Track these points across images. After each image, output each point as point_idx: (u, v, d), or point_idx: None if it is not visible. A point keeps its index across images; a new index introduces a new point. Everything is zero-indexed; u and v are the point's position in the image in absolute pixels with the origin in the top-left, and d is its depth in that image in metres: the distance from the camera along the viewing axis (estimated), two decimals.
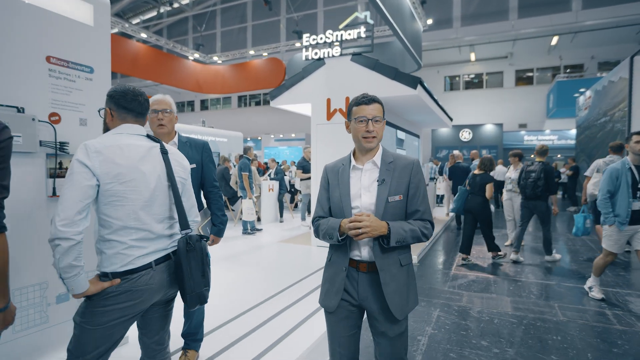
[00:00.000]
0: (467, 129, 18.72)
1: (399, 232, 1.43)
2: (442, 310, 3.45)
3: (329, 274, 1.60)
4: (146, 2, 20.27)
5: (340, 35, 5.26)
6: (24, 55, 2.09)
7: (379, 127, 1.52)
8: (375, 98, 1.55)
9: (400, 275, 1.51)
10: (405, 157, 1.58)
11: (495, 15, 16.70)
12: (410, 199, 1.52)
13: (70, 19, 2.32)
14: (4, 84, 2.01)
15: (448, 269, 4.82)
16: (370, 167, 1.55)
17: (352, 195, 1.53)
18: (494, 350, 2.70)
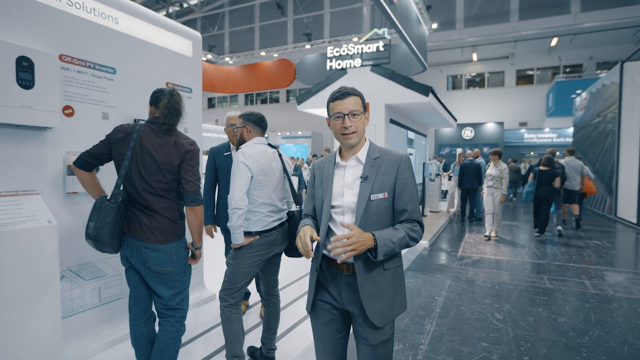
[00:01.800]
0: (469, 127, 19.56)
1: (387, 244, 1.32)
2: (453, 280, 4.30)
3: (311, 275, 1.55)
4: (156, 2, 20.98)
5: (361, 48, 6.07)
6: (153, 82, 2.91)
7: (358, 122, 1.42)
8: (351, 91, 1.44)
9: (382, 279, 1.42)
10: (393, 152, 1.48)
11: (496, 17, 17.46)
12: (396, 197, 1.42)
13: (179, 54, 3.14)
14: (144, 104, 2.83)
15: (455, 252, 5.67)
16: (354, 163, 1.47)
17: (334, 194, 1.46)
18: (494, 305, 3.55)
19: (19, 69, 1.99)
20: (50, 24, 2.25)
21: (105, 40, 2.56)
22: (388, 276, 1.44)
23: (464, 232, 7.30)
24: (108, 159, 1.98)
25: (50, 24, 2.25)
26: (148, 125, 1.99)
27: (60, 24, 2.30)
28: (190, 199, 1.97)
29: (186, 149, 1.98)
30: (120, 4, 2.66)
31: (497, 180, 6.33)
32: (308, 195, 1.64)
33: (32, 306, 1.92)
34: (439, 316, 3.30)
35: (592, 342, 2.85)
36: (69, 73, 2.34)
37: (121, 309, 2.71)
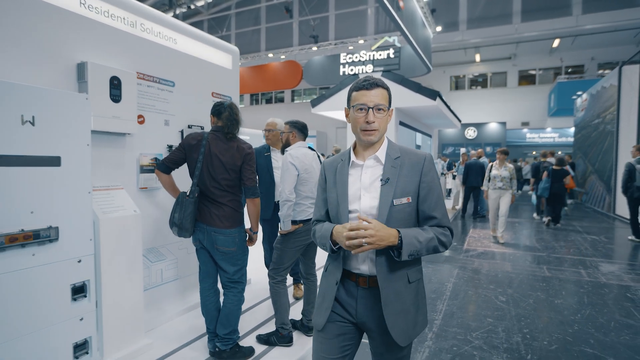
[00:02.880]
0: (472, 127, 20.01)
1: (413, 243, 1.21)
2: (460, 269, 4.76)
3: (323, 287, 1.41)
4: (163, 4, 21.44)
5: (373, 55, 6.53)
6: (202, 94, 3.38)
7: (381, 118, 1.30)
8: (379, 82, 1.31)
9: (408, 294, 1.29)
10: (415, 152, 1.36)
11: (499, 18, 17.87)
12: (421, 202, 1.30)
13: (221, 67, 3.61)
14: (195, 113, 3.30)
15: (461, 245, 6.14)
16: (373, 163, 1.34)
17: (350, 197, 1.32)
18: (498, 290, 4.01)
19: (111, 86, 2.46)
20: (130, 47, 2.72)
21: (167, 58, 3.03)
22: (412, 290, 1.31)
23: (468, 227, 7.76)
24: (183, 163, 2.45)
25: (129, 46, 2.72)
26: (214, 133, 2.45)
27: (136, 46, 2.77)
28: (250, 192, 2.44)
29: (246, 152, 2.45)
30: (178, 27, 3.13)
31: (507, 181, 6.14)
32: (318, 199, 1.46)
33: (126, 279, 2.40)
34: (449, 298, 3.76)
35: (583, 319, 3.30)
36: (141, 87, 2.80)
37: (178, 289, 3.18)
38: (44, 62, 2.22)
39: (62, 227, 1.98)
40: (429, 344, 2.81)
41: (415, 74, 13.73)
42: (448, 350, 2.72)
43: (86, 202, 2.10)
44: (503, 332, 3.02)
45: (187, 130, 3.18)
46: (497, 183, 6.20)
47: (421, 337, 2.91)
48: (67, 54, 2.34)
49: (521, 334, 2.99)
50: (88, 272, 2.12)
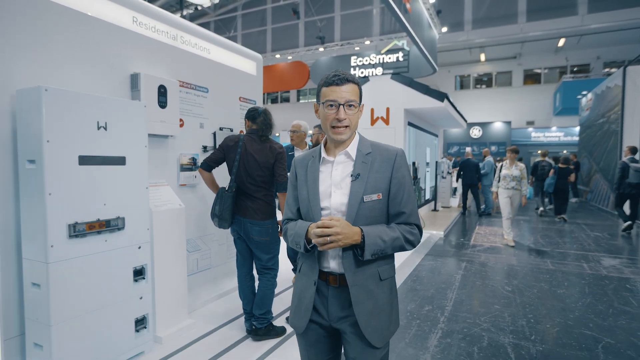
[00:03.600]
0: (477, 126, 20.25)
1: (376, 243, 1.20)
2: (468, 263, 5.06)
3: (297, 288, 1.37)
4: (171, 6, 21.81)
5: (382, 58, 6.83)
6: (231, 98, 3.70)
7: (352, 115, 1.27)
8: (350, 77, 1.27)
9: (380, 292, 1.27)
10: (387, 148, 1.34)
11: (504, 18, 18.07)
12: (392, 198, 1.28)
13: (247, 73, 3.93)
14: (225, 116, 3.62)
15: (468, 241, 6.43)
16: (343, 159, 1.31)
17: (321, 194, 1.29)
18: (504, 281, 4.31)
19: (159, 94, 2.78)
20: (172, 58, 3.04)
21: (202, 66, 3.35)
22: (385, 288, 1.29)
23: (474, 224, 8.04)
24: (222, 162, 2.77)
25: (172, 57, 3.04)
26: (249, 135, 2.77)
27: (177, 57, 3.09)
28: (282, 187, 2.75)
29: (278, 151, 2.76)
30: (211, 38, 3.46)
31: (518, 181, 5.96)
32: (289, 196, 1.43)
33: (173, 265, 2.73)
34: (458, 288, 4.07)
35: (584, 306, 3.60)
36: (181, 94, 3.12)
37: (210, 277, 3.51)
38: (105, 74, 2.54)
39: (127, 218, 2.30)
40: (441, 326, 3.12)
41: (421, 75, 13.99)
42: (459, 331, 3.03)
43: (144, 196, 2.43)
44: (509, 317, 3.32)
45: (219, 132, 3.50)
46: (509, 183, 5.98)
47: (434, 321, 3.22)
48: (122, 66, 2.66)
49: (526, 319, 3.29)
50: (146, 257, 2.45)
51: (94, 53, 2.48)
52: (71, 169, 2.02)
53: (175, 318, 2.75)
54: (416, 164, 7.28)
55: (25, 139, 1.99)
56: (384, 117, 6.90)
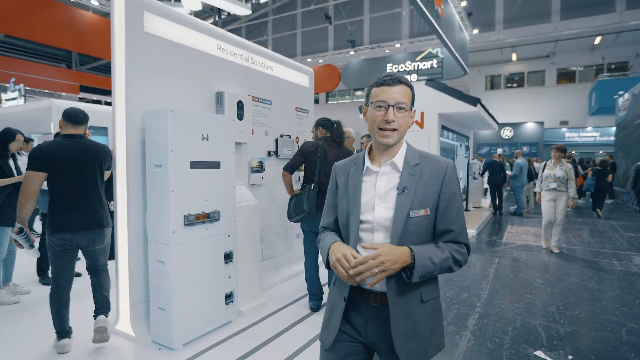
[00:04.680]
0: (508, 127, 20.14)
1: (426, 265, 1.13)
2: (500, 258, 5.42)
3: (330, 302, 1.34)
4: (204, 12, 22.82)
5: (417, 65, 7.24)
6: (289, 109, 4.25)
7: (402, 118, 1.19)
8: (402, 79, 1.21)
9: (420, 314, 1.21)
10: (436, 159, 1.27)
11: (536, 17, 17.89)
12: (440, 214, 1.21)
13: (301, 86, 4.47)
14: (284, 124, 4.17)
15: (500, 239, 6.75)
16: (389, 170, 1.24)
17: (363, 206, 1.22)
18: (535, 274, 4.66)
19: (237, 108, 3.36)
20: (245, 76, 3.62)
21: (267, 82, 3.92)
22: (426, 310, 1.23)
23: (506, 224, 8.30)
24: (302, 165, 3.29)
25: (246, 76, 3.62)
26: (326, 141, 3.28)
27: (249, 75, 3.67)
28: None
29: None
30: (275, 57, 4.03)
31: (563, 182, 5.54)
32: (327, 204, 1.38)
33: (250, 252, 3.29)
34: (492, 280, 4.46)
35: (611, 297, 3.92)
36: (252, 107, 3.69)
37: (272, 265, 4.06)
38: (197, 93, 3.13)
39: (221, 211, 2.88)
40: (478, 309, 3.55)
41: (451, 76, 14.19)
42: (494, 314, 3.45)
43: (232, 194, 3.00)
44: (540, 304, 3.70)
45: (280, 139, 4.06)
46: (550, 184, 5.62)
47: (471, 305, 3.65)
48: (209, 85, 3.25)
49: (555, 306, 3.66)
50: (233, 244, 3.01)
51: (190, 76, 3.07)
52: (185, 172, 2.61)
53: (252, 296, 3.31)
54: None
55: (153, 148, 2.59)
56: (419, 121, 7.30)
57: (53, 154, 2.48)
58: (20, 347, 2.66)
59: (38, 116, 9.11)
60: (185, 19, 3.03)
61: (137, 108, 2.65)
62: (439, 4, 9.88)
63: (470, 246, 1.25)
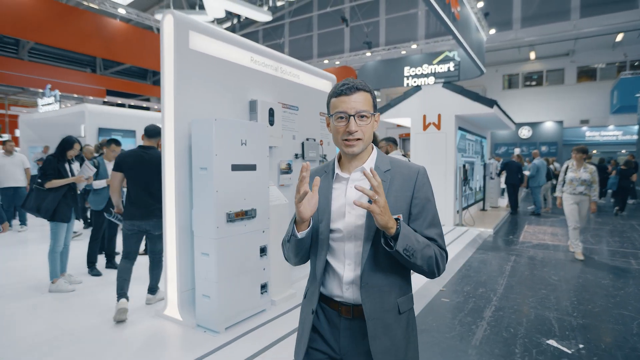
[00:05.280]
0: (526, 126, 20.00)
1: (410, 237, 1.08)
2: (516, 256, 5.59)
3: (301, 316, 1.29)
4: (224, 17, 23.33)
5: (434, 68, 7.44)
6: (314, 113, 4.54)
7: (365, 126, 1.15)
8: (360, 85, 1.15)
9: (397, 327, 1.17)
10: (408, 164, 1.24)
11: (556, 15, 17.73)
12: (413, 220, 1.17)
13: (324, 91, 4.76)
14: (309, 129, 4.46)
15: (517, 238, 6.90)
16: (359, 176, 1.20)
17: (333, 214, 1.19)
18: (551, 272, 4.83)
19: (269, 115, 3.66)
20: (275, 85, 3.93)
21: (294, 89, 4.21)
22: (403, 322, 1.19)
23: (523, 223, 8.41)
24: None
25: (275, 85, 3.93)
26: None
27: (278, 84, 3.98)
28: None
29: None
30: (301, 66, 4.32)
31: (588, 186, 5.32)
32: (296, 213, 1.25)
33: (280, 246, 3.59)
34: (508, 276, 4.65)
35: (625, 294, 4.07)
36: (281, 113, 4.00)
37: None
38: (233, 101, 3.45)
39: (257, 209, 3.18)
40: (494, 303, 3.76)
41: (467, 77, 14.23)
42: (510, 307, 3.66)
43: (266, 193, 3.30)
44: (554, 299, 3.89)
45: (306, 142, 4.35)
46: (577, 187, 5.36)
47: (487, 299, 3.86)
48: (244, 94, 3.57)
49: (569, 301, 3.85)
50: (267, 239, 3.32)
51: (227, 86, 3.39)
52: (227, 173, 2.92)
53: (283, 287, 3.61)
54: (466, 167, 7.80)
55: (199, 153, 2.91)
56: (436, 123, 7.50)
57: (126, 159, 3.30)
58: (79, 324, 3.03)
59: (72, 120, 9.68)
60: (224, 35, 3.35)
61: (183, 117, 2.98)
62: (455, 6, 10.02)
63: (447, 254, 1.20)
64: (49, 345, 2.75)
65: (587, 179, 5.32)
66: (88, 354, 2.64)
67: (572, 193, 5.43)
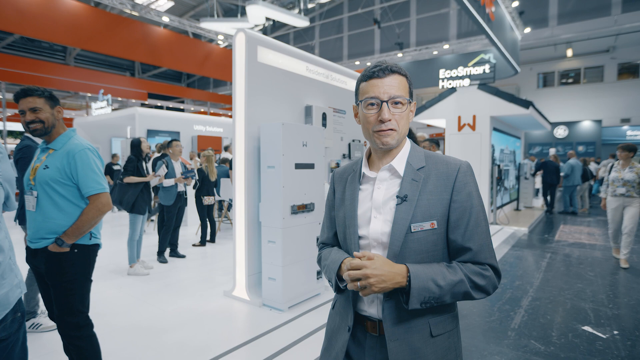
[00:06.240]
0: (562, 125, 19.61)
1: (427, 288, 0.92)
2: (552, 253, 5.78)
3: (330, 328, 1.18)
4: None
5: (469, 70, 7.68)
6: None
7: (400, 114, 1.00)
8: (394, 67, 1.01)
9: (429, 353, 1.00)
10: (446, 160, 1.05)
11: (595, 11, 17.28)
12: (451, 228, 1.00)
13: None
14: (355, 131, 4.86)
15: (552, 237, 7.04)
16: (388, 176, 1.06)
17: (360, 219, 1.05)
18: (587, 268, 5.01)
19: (322, 118, 4.09)
20: (326, 91, 4.36)
21: (342, 95, 4.63)
22: (438, 347, 1.02)
23: (559, 223, 8.48)
24: None
25: (326, 91, 4.35)
26: None
27: (329, 90, 4.40)
28: None
29: None
30: (347, 73, 4.74)
31: (634, 187, 4.96)
32: (326, 217, 1.24)
33: None
34: (544, 271, 4.89)
35: None
36: (332, 117, 4.42)
37: None
38: (291, 107, 3.90)
39: (315, 203, 3.61)
40: (531, 294, 4.04)
41: (502, 77, 14.24)
42: (546, 298, 3.93)
43: (322, 189, 3.73)
44: (590, 292, 4.11)
45: (352, 144, 4.75)
46: (617, 189, 5.06)
47: (524, 290, 4.14)
48: (300, 100, 4.01)
49: (605, 294, 4.06)
50: None
51: (287, 94, 3.84)
52: (291, 171, 3.37)
53: None
54: (501, 166, 7.98)
55: (267, 153, 3.37)
56: (470, 124, 7.73)
57: None
58: (151, 302, 3.56)
59: (123, 122, 10.51)
60: (284, 48, 3.80)
61: (253, 121, 3.45)
62: (489, 7, 10.15)
63: (499, 269, 1.02)
64: (156, 317, 3.29)
65: (631, 180, 4.96)
66: (174, 325, 3.16)
67: (613, 195, 5.14)
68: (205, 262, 5.05)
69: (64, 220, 1.81)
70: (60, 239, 1.79)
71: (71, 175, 1.80)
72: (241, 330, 3.10)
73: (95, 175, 1.85)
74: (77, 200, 1.85)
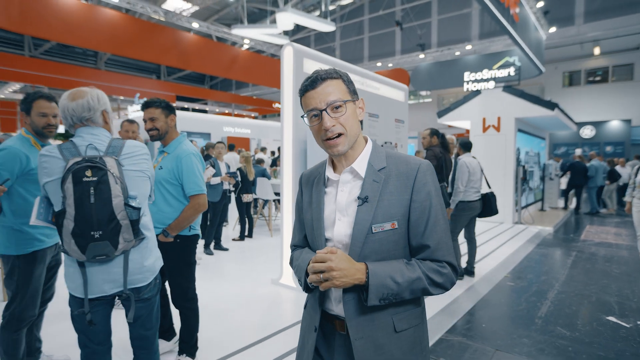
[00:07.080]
0: (589, 125, 19.38)
1: (385, 284, 0.96)
2: (577, 252, 5.98)
3: (302, 328, 1.21)
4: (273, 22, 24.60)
5: (494, 73, 7.91)
6: (390, 120, 5.29)
7: (342, 116, 1.02)
8: (324, 74, 1.03)
9: (394, 348, 1.03)
10: (407, 160, 1.07)
11: (623, 8, 17.04)
12: (412, 227, 1.03)
13: (398, 101, 5.48)
14: (386, 133, 5.21)
15: (578, 237, 7.21)
16: (350, 178, 1.08)
17: (325, 221, 1.09)
18: (613, 266, 5.21)
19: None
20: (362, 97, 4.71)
21: (375, 100, 4.99)
22: (403, 342, 1.04)
23: (585, 223, 8.60)
24: None
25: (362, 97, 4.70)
26: (440, 149, 4.29)
27: (364, 96, 4.72)
28: None
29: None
30: (380, 79, 5.10)
31: None
32: (296, 220, 1.26)
33: None
34: (569, 268, 5.12)
35: None
36: (368, 120, 4.78)
37: None
38: None
39: None
40: (557, 287, 4.30)
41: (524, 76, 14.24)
42: (571, 291, 4.19)
43: None
44: (615, 287, 4.35)
45: (385, 145, 5.11)
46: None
47: (550, 285, 4.40)
48: None
49: (630, 289, 4.29)
50: None
51: None
52: None
53: None
54: (525, 167, 8.17)
55: (313, 154, 3.75)
56: (495, 125, 7.95)
57: None
58: (206, 287, 4.00)
59: None
60: (327, 59, 4.19)
61: (299, 126, 3.85)
62: (513, 8, 10.29)
63: (457, 266, 1.05)
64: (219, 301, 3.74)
65: None
66: (233, 307, 3.59)
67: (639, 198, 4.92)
68: (246, 255, 5.49)
69: (171, 214, 2.24)
70: (166, 231, 2.22)
71: (178, 176, 2.23)
72: (291, 312, 3.50)
73: (197, 178, 2.27)
74: (182, 198, 2.28)
